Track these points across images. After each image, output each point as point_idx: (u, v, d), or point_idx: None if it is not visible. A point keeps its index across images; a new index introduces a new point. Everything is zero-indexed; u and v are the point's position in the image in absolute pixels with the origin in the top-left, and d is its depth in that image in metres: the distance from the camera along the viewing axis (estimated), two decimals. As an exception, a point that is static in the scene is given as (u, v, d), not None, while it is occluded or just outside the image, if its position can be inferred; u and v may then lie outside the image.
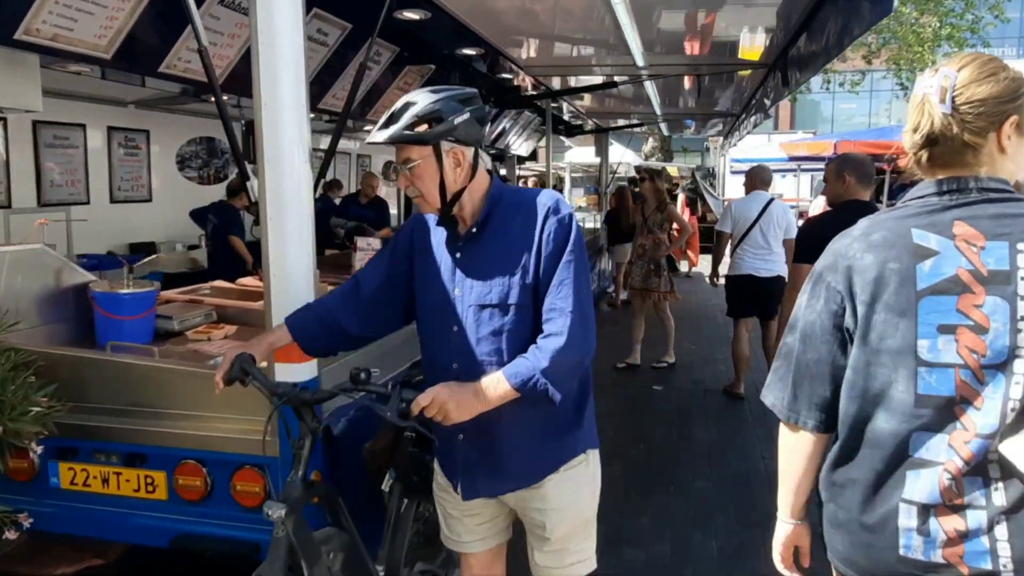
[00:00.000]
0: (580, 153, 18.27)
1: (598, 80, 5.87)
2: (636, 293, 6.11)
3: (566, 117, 9.19)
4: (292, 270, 2.10)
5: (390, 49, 5.51)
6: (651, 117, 9.08)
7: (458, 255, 1.75)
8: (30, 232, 3.60)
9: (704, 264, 13.61)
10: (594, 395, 1.87)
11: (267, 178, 2.04)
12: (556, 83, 6.39)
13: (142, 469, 2.37)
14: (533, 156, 13.97)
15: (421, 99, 1.64)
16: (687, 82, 6.25)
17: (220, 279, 4.19)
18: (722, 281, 5.59)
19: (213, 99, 2.83)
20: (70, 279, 2.95)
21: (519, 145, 11.87)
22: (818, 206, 10.63)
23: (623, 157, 17.89)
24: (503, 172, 13.97)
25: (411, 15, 4.26)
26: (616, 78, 5.64)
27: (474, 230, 1.73)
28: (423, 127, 1.63)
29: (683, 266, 12.19)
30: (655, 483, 3.98)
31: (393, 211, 8.79)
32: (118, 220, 6.70)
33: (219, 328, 3.13)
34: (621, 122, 10.05)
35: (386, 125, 1.65)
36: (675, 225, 6.25)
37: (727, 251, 5.40)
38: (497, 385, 1.61)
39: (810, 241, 2.94)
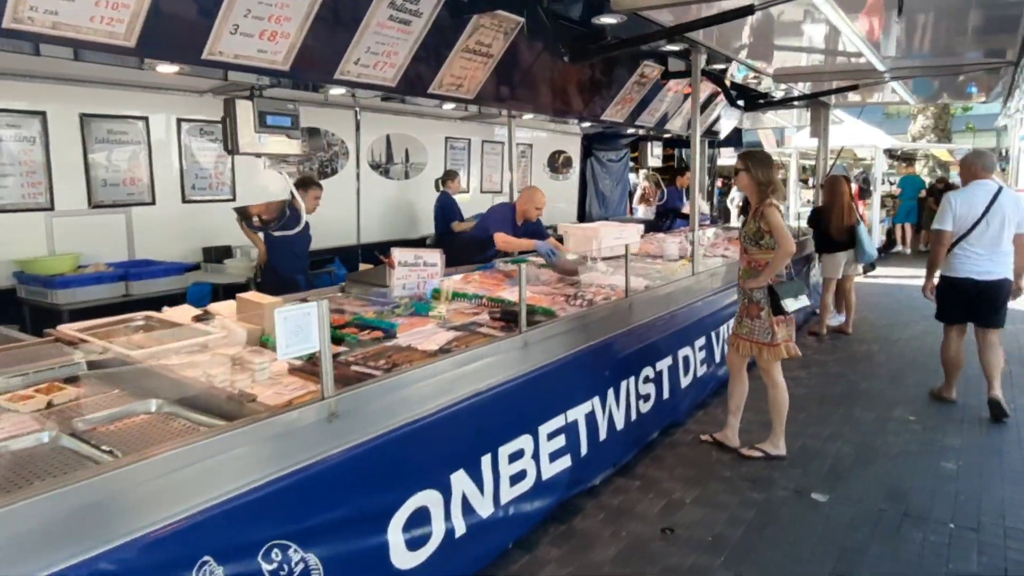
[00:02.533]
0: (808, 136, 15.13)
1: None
2: (733, 341, 4.08)
3: (740, 80, 6.87)
4: None
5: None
6: (872, 75, 6.37)
7: None
8: None
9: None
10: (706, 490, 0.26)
11: None
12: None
13: None
14: (733, 139, 11.35)
15: None
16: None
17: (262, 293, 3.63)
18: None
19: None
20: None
21: (726, 126, 9.52)
22: None
23: (861, 138, 14.33)
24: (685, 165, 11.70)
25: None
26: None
27: None
28: None
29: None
30: None
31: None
32: (190, 221, 6.02)
33: (52, 392, 2.30)
34: (835, 87, 7.33)
35: None
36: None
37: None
38: None
39: None
